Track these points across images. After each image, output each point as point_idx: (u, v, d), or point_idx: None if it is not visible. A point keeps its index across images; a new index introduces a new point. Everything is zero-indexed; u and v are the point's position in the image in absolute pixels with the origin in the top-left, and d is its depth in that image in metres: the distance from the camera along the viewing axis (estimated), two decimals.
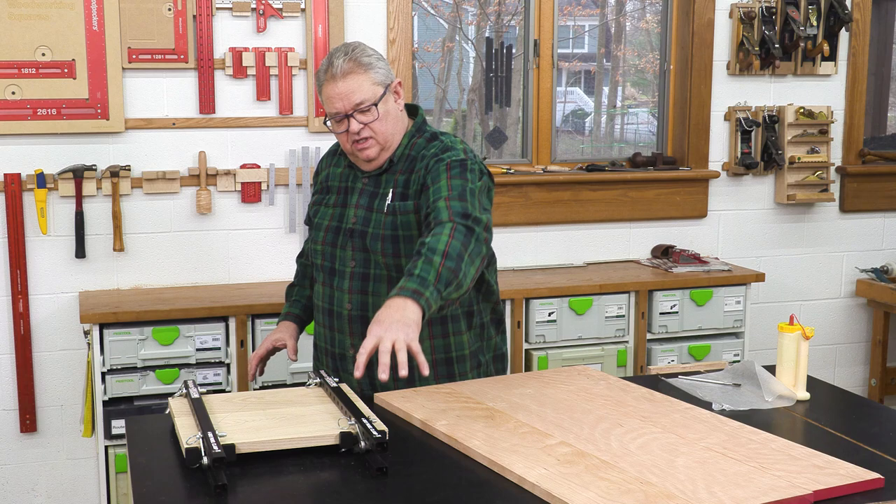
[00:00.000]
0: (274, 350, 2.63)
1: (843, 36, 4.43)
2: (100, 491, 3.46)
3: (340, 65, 2.36)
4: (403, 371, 1.90)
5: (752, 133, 4.35)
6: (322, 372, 2.33)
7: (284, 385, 3.46)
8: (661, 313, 3.88)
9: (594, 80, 4.84)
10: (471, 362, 2.54)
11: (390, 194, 2.42)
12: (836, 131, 4.50)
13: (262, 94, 3.76)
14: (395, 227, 2.40)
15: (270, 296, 3.52)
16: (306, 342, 2.85)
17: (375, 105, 2.36)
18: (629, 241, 4.31)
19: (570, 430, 2.05)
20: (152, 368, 3.37)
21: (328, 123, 2.43)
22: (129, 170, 3.66)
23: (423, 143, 2.45)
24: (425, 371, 1.94)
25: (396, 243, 2.40)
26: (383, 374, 1.89)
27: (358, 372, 1.93)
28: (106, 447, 3.37)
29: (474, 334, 2.55)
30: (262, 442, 1.93)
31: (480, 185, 2.36)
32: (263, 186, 3.80)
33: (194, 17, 3.66)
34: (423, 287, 2.04)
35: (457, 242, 2.15)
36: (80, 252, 3.63)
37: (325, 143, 3.81)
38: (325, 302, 2.51)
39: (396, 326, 1.94)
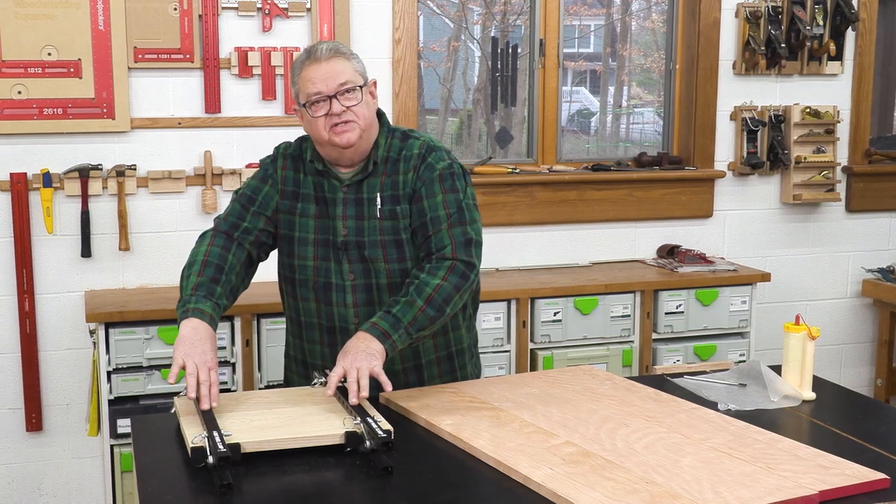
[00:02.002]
0: None
1: (850, 35, 4.42)
2: (105, 490, 3.46)
3: (324, 49, 2.32)
4: (364, 393, 2.08)
5: (758, 133, 4.34)
6: (328, 371, 2.33)
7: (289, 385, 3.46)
8: (666, 313, 3.87)
9: (600, 80, 4.84)
10: (468, 354, 2.56)
11: (378, 199, 2.36)
12: (843, 131, 4.49)
13: (268, 93, 3.76)
14: (395, 231, 2.36)
15: (275, 295, 3.51)
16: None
17: (360, 88, 2.33)
18: (635, 241, 4.31)
19: (576, 430, 2.04)
20: (158, 367, 3.37)
21: (306, 107, 2.31)
22: (135, 169, 3.66)
23: (398, 143, 2.41)
24: (388, 388, 2.12)
25: (400, 247, 2.37)
26: (354, 399, 2.06)
27: (329, 391, 2.11)
28: (111, 446, 3.37)
29: (466, 326, 2.56)
30: (267, 441, 1.93)
31: (469, 191, 2.41)
32: None
33: (200, 16, 3.66)
34: (393, 329, 2.19)
35: (449, 285, 2.27)
36: (86, 251, 3.64)
37: None
38: (321, 319, 2.42)
39: (361, 356, 2.13)
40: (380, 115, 2.44)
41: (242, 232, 2.40)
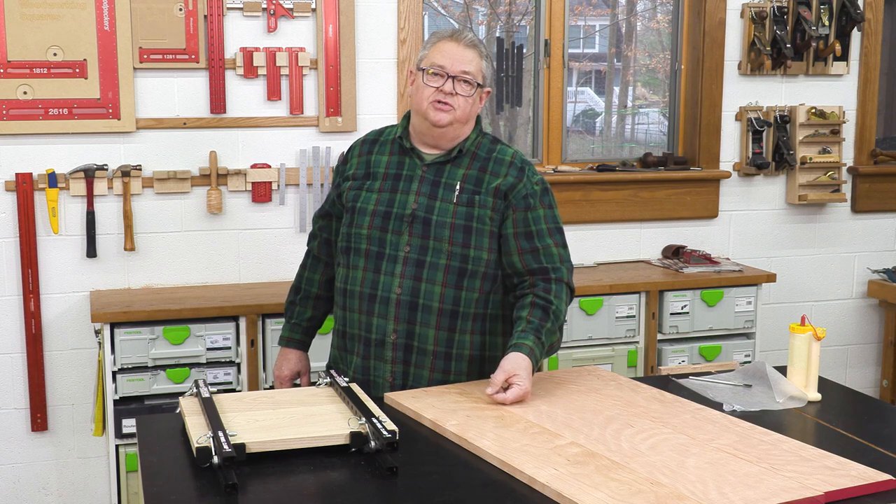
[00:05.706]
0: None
1: (855, 36, 4.42)
2: (111, 490, 3.47)
3: (469, 37, 2.49)
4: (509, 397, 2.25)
5: (764, 133, 4.34)
6: (332, 372, 2.34)
7: (295, 385, 3.46)
8: (671, 314, 3.87)
9: (605, 80, 4.83)
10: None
11: (458, 186, 2.47)
12: (848, 131, 4.49)
13: (273, 93, 3.77)
14: (468, 218, 2.45)
15: (281, 296, 3.52)
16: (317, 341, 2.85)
17: (479, 86, 2.48)
18: (640, 242, 4.30)
19: (581, 431, 2.04)
20: (163, 368, 3.38)
21: (424, 72, 2.46)
22: (140, 169, 3.67)
23: (488, 143, 2.56)
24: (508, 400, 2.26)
25: (468, 234, 2.45)
26: (502, 397, 2.25)
27: (490, 390, 2.26)
28: (117, 446, 3.38)
29: (505, 337, 2.57)
30: (272, 441, 1.93)
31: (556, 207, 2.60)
32: (274, 186, 3.80)
33: (205, 17, 3.67)
34: (540, 354, 2.38)
35: (566, 310, 2.50)
36: (91, 251, 3.64)
37: (336, 142, 3.81)
38: (366, 287, 2.47)
39: (527, 376, 2.28)
40: (477, 119, 2.60)
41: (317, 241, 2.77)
